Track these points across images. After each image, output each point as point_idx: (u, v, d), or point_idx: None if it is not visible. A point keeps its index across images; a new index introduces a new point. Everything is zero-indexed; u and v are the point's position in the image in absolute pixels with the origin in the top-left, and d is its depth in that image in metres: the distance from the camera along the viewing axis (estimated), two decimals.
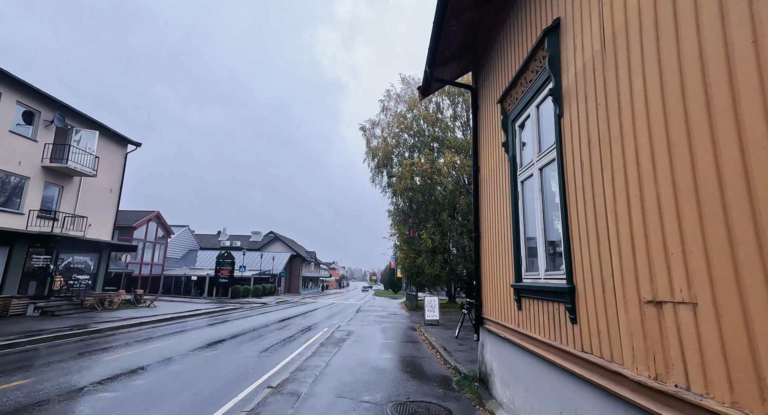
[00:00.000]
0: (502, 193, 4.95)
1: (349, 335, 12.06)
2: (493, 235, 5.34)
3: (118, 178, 21.27)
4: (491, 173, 5.47)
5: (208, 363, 7.68)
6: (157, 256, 41.03)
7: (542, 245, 3.67)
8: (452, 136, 25.12)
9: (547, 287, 3.44)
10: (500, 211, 5.01)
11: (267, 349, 9.51)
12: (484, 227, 5.86)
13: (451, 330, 12.77)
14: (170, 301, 28.73)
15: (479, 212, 6.08)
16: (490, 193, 5.49)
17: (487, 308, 5.59)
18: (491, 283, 5.34)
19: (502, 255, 4.90)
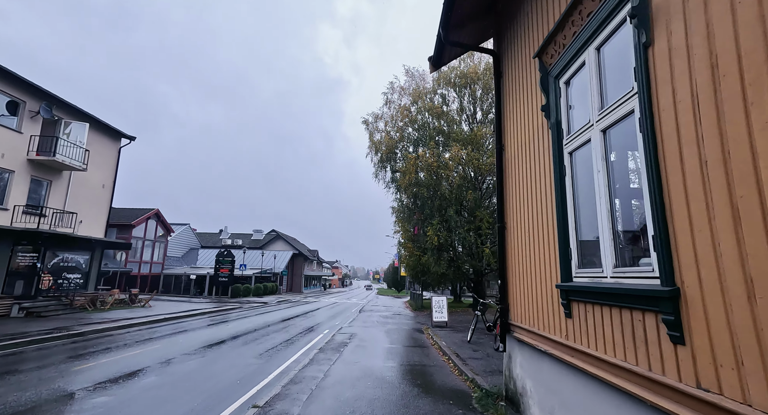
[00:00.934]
0: (538, 172, 4.00)
1: (351, 339, 11.14)
2: (524, 224, 4.38)
3: (111, 173, 20.45)
4: (521, 150, 4.51)
5: (190, 375, 6.77)
6: (157, 254, 40.34)
7: (607, 232, 2.71)
8: (458, 129, 24.12)
9: (619, 289, 2.49)
10: (535, 194, 4.05)
11: (261, 355, 8.61)
12: (510, 215, 4.90)
13: (462, 333, 11.82)
14: (168, 300, 27.98)
15: (504, 199, 5.12)
16: (520, 174, 4.53)
17: (516, 312, 4.63)
18: (523, 282, 4.39)
19: (539, 248, 3.95)
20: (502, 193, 5.17)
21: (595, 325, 2.84)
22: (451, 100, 26.81)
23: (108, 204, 20.38)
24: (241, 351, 9.03)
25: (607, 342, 2.67)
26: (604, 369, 2.68)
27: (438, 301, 14.09)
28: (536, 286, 3.98)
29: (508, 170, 5.04)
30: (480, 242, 22.43)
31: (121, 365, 7.21)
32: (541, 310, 3.85)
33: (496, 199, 5.23)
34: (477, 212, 22.52)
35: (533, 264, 4.07)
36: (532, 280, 4.08)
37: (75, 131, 17.55)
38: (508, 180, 4.99)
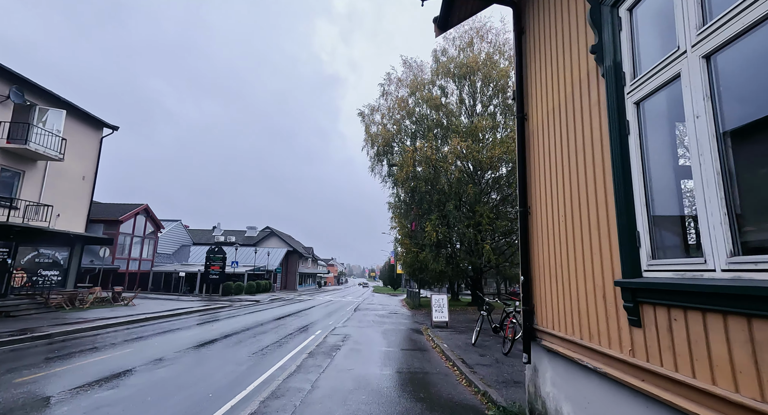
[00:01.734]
0: (580, 136, 3.11)
1: (344, 341, 10.25)
2: (557, 206, 3.50)
3: (93, 164, 19.34)
4: (552, 116, 3.62)
5: (155, 387, 5.84)
6: (146, 251, 39.15)
7: (716, 204, 1.83)
8: (458, 121, 23.22)
9: (746, 289, 1.61)
10: (576, 166, 3.17)
11: (243, 361, 7.69)
12: (536, 197, 4.02)
13: (465, 334, 10.97)
14: (155, 299, 26.93)
15: (527, 178, 4.24)
16: (550, 145, 3.65)
17: (545, 316, 3.76)
18: (555, 279, 3.51)
19: (582, 235, 3.07)
20: (524, 172, 4.27)
21: (690, 340, 1.96)
22: (450, 92, 25.92)
23: (89, 197, 19.29)
24: (222, 356, 8.11)
25: (716, 366, 1.80)
26: (711, 407, 1.81)
27: (438, 299, 13.24)
28: (577, 283, 3.11)
29: (532, 143, 4.15)
30: (480, 239, 21.62)
31: (76, 376, 6.26)
32: (585, 314, 2.97)
33: (517, 180, 4.34)
34: (477, 207, 21.69)
35: (572, 255, 3.19)
36: (571, 275, 3.21)
37: (51, 119, 16.44)
38: (533, 155, 4.11)
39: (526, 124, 4.32)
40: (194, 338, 10.45)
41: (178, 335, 10.99)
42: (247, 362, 7.61)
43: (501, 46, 24.94)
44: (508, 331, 8.05)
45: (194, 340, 10.05)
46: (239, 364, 7.41)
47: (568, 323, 3.24)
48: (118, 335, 10.62)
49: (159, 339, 10.13)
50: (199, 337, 10.59)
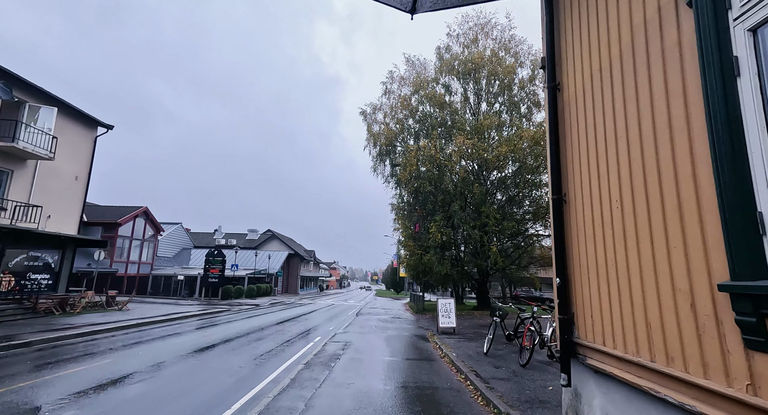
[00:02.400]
0: (648, 92, 2.38)
1: (345, 349, 9.49)
2: (607, 190, 2.77)
3: (86, 164, 18.75)
4: (602, 74, 2.90)
5: (127, 404, 5.11)
6: (146, 254, 38.56)
7: None
8: (462, 118, 22.50)
9: None
10: (638, 134, 2.44)
11: (232, 372, 6.94)
12: (574, 182, 3.28)
13: (475, 342, 10.18)
14: (153, 303, 26.22)
15: (562, 160, 3.50)
16: (598, 111, 2.92)
17: (590, 327, 3.01)
18: (606, 281, 2.77)
19: (646, 223, 2.33)
20: (556, 153, 3.54)
21: None
22: (454, 91, 25.24)
23: (82, 198, 18.68)
24: (210, 366, 7.37)
25: None
26: None
27: (444, 304, 12.44)
28: (644, 287, 2.36)
29: (568, 116, 3.42)
30: (486, 240, 20.84)
31: (43, 390, 5.54)
32: (659, 328, 2.23)
33: (549, 163, 3.60)
34: (482, 207, 20.92)
35: (636, 250, 2.45)
36: (633, 276, 2.47)
37: (42, 117, 15.86)
38: (570, 130, 3.38)
39: (559, 95, 3.59)
40: (184, 345, 9.71)
41: (167, 342, 10.26)
42: (237, 373, 6.86)
43: (506, 42, 24.30)
44: (526, 339, 7.28)
45: (184, 348, 9.32)
46: (229, 376, 6.67)
47: (630, 338, 2.49)
48: (102, 343, 9.90)
49: (146, 347, 9.40)
50: (190, 345, 9.85)
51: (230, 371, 7.09)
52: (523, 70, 23.50)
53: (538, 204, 22.59)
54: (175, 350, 9.08)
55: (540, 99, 22.82)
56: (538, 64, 22.80)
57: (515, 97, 23.51)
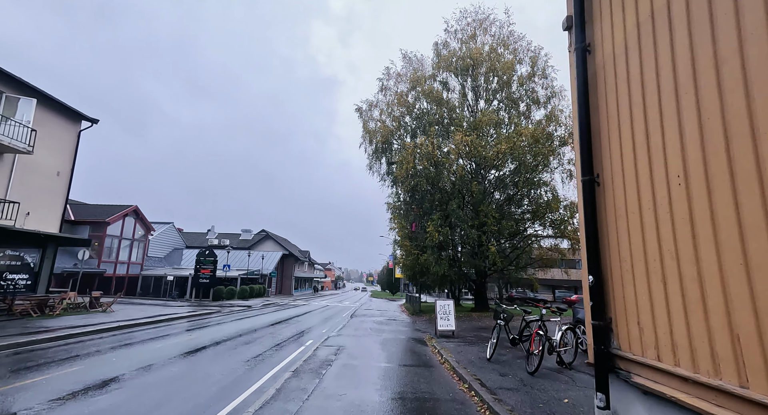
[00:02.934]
0: (727, 34, 1.80)
1: (337, 354, 8.86)
2: (662, 164, 2.19)
3: (69, 159, 17.94)
4: (652, 22, 2.32)
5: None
6: (136, 254, 37.62)
7: None
8: (461, 115, 21.96)
9: None
10: (716, 88, 1.86)
11: (212, 381, 6.29)
12: (613, 158, 2.70)
13: (476, 346, 9.59)
14: (140, 304, 25.39)
15: (595, 133, 2.92)
16: (646, 68, 2.34)
17: (637, 338, 2.42)
18: (661, 279, 2.18)
19: (730, 201, 1.75)
20: (586, 126, 2.96)
21: None
22: (452, 88, 24.71)
23: (64, 195, 17.86)
24: (189, 375, 6.71)
25: None
26: None
27: (443, 306, 11.84)
28: (727, 285, 1.78)
29: (602, 82, 2.85)
30: (485, 240, 20.30)
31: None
32: (756, 342, 1.64)
33: (577, 139, 3.02)
34: (481, 206, 20.39)
35: (710, 238, 1.87)
36: (708, 272, 1.88)
37: (20, 108, 15.09)
38: (607, 98, 2.80)
39: (590, 58, 3.01)
40: (165, 351, 9.03)
41: (147, 347, 9.56)
42: (217, 383, 6.21)
43: (505, 39, 23.83)
44: (534, 345, 6.70)
45: (164, 353, 8.64)
46: (209, 385, 6.02)
47: (703, 353, 1.91)
48: (74, 348, 9.18)
49: (123, 353, 8.71)
50: (172, 349, 9.17)
51: (211, 379, 6.43)
52: (522, 67, 23.07)
53: (537, 203, 22.13)
54: (154, 356, 8.39)
55: (539, 96, 22.38)
56: (537, 61, 22.37)
57: (514, 95, 23.05)
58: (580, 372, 6.85)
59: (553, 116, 21.17)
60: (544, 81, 22.20)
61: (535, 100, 22.30)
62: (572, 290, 49.92)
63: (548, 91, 22.06)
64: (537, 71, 22.26)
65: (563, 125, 20.68)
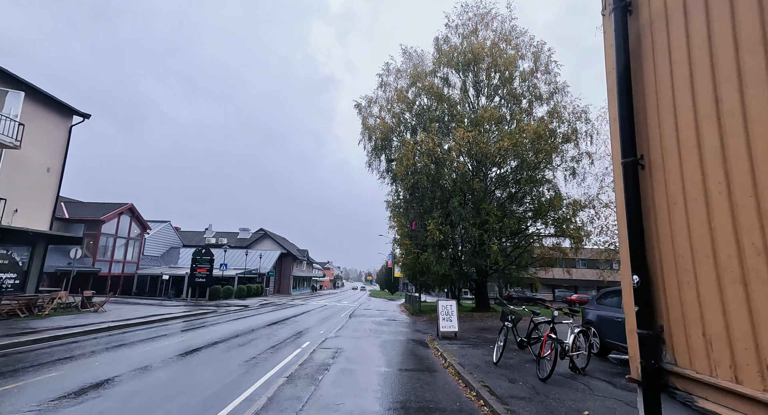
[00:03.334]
0: None
1: (335, 357, 8.41)
2: (743, 136, 1.73)
3: (59, 154, 17.44)
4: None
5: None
6: (131, 253, 37.10)
7: None
8: (462, 110, 21.48)
9: None
10: None
11: (200, 389, 5.82)
12: (665, 137, 2.25)
13: (480, 349, 9.14)
14: (135, 303, 24.90)
15: (639, 107, 2.46)
16: (713, 27, 1.88)
17: (702, 352, 1.97)
18: (734, 283, 1.73)
19: None
20: (628, 100, 2.50)
21: None
22: (453, 84, 24.21)
23: (54, 191, 17.36)
24: (175, 380, 6.25)
25: None
26: None
27: (445, 306, 11.40)
28: None
29: (649, 45, 2.39)
30: (486, 239, 19.86)
31: None
32: None
33: (618, 115, 2.55)
34: (483, 204, 19.95)
35: None
36: None
37: (8, 102, 14.57)
38: (655, 64, 2.35)
39: (632, 19, 2.56)
40: (154, 354, 8.57)
41: (135, 350, 9.09)
42: (205, 390, 5.75)
43: (507, 34, 23.37)
44: (546, 349, 6.25)
45: (152, 357, 8.18)
46: (194, 393, 5.56)
47: None
48: (57, 351, 8.70)
49: (108, 357, 8.24)
50: (161, 353, 8.71)
51: (199, 386, 5.97)
52: (524, 62, 22.60)
53: (539, 202, 21.71)
54: (142, 360, 7.93)
55: (542, 92, 21.91)
56: (540, 56, 21.88)
57: (516, 91, 22.58)
58: (595, 379, 6.42)
59: (555, 113, 20.74)
60: (547, 77, 21.76)
61: (538, 96, 21.86)
62: (572, 289, 49.60)
63: (551, 86, 21.62)
64: (540, 66, 21.82)
65: (566, 122, 20.25)
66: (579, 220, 21.45)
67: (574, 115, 20.07)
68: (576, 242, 21.60)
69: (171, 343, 10.15)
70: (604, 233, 21.42)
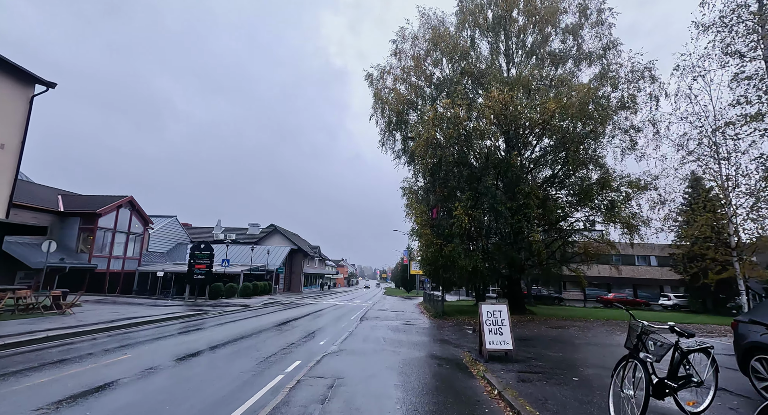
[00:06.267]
0: None
1: (328, 398, 5.21)
2: None
3: (18, 129, 14.79)
4: None
5: None
6: (132, 249, 34.91)
7: None
8: (497, 72, 17.85)
9: None
10: None
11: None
12: None
13: (562, 384, 5.76)
14: (123, 303, 22.26)
15: None
16: None
17: None
18: None
19: None
20: None
21: None
22: (479, 50, 20.64)
23: (12, 172, 14.72)
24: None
25: None
26: None
27: (492, 313, 7.98)
28: None
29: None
30: (525, 227, 16.33)
31: None
32: None
33: None
34: (518, 186, 16.45)
35: None
36: None
37: None
38: None
39: None
40: (70, 383, 5.54)
41: (56, 373, 6.09)
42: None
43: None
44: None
45: (65, 388, 5.14)
46: None
47: None
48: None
49: (21, 383, 5.25)
50: (98, 377, 5.68)
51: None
52: (567, 16, 18.86)
53: (585, 184, 17.94)
54: (50, 392, 4.89)
55: (591, 49, 18.14)
56: (588, 4, 18.11)
57: (556, 52, 18.91)
58: None
59: (608, 74, 17.01)
60: (598, 29, 17.93)
61: (587, 54, 18.07)
62: (603, 287, 45.02)
63: (604, 41, 17.77)
64: (589, 17, 18.01)
65: (626, 83, 16.39)
66: (635, 203, 17.66)
67: (634, 75, 16.22)
68: (630, 230, 17.64)
69: (108, 363, 7.13)
70: (668, 220, 17.43)
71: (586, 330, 13.86)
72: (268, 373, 6.71)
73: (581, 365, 7.58)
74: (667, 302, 35.85)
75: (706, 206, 15.25)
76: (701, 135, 13.18)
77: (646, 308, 37.02)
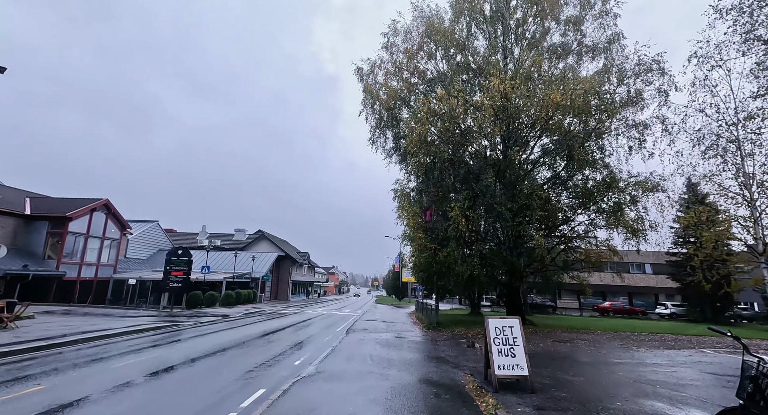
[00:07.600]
0: None
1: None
2: None
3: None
4: None
5: None
6: (107, 255, 32.71)
7: None
8: (495, 62, 16.64)
9: None
10: None
11: None
12: None
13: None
14: (83, 314, 20.23)
15: None
16: None
17: None
18: None
19: None
20: None
21: None
22: (476, 46, 19.56)
23: None
24: None
25: None
26: None
27: (501, 328, 6.48)
28: None
29: None
30: (526, 229, 14.98)
31: None
32: None
33: None
34: (518, 186, 15.17)
35: None
36: None
37: None
38: None
39: None
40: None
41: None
42: None
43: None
44: None
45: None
46: None
47: None
48: None
49: None
50: None
51: None
52: (568, 8, 17.85)
53: (583, 188, 16.72)
54: None
55: (594, 42, 17.12)
56: None
57: (557, 45, 17.86)
58: None
59: (612, 68, 15.94)
60: (602, 20, 16.89)
61: (592, 47, 16.99)
62: (599, 295, 43.80)
63: (608, 32, 16.73)
64: (594, 6, 16.98)
65: (632, 77, 15.27)
66: (642, 206, 16.45)
67: (641, 68, 15.12)
68: (634, 235, 16.36)
69: (40, 396, 5.45)
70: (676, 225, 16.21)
71: (598, 345, 12.45)
72: (214, 412, 5.12)
73: (613, 394, 6.12)
74: (664, 310, 34.78)
75: (708, 218, 14.05)
76: (720, 129, 12.02)
77: (644, 317, 35.88)
